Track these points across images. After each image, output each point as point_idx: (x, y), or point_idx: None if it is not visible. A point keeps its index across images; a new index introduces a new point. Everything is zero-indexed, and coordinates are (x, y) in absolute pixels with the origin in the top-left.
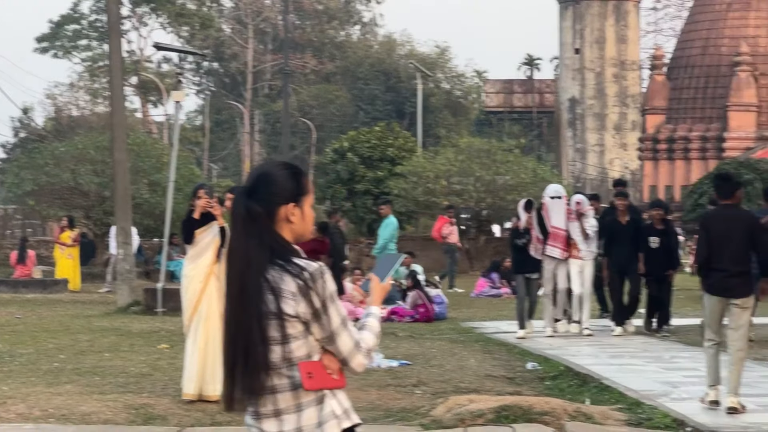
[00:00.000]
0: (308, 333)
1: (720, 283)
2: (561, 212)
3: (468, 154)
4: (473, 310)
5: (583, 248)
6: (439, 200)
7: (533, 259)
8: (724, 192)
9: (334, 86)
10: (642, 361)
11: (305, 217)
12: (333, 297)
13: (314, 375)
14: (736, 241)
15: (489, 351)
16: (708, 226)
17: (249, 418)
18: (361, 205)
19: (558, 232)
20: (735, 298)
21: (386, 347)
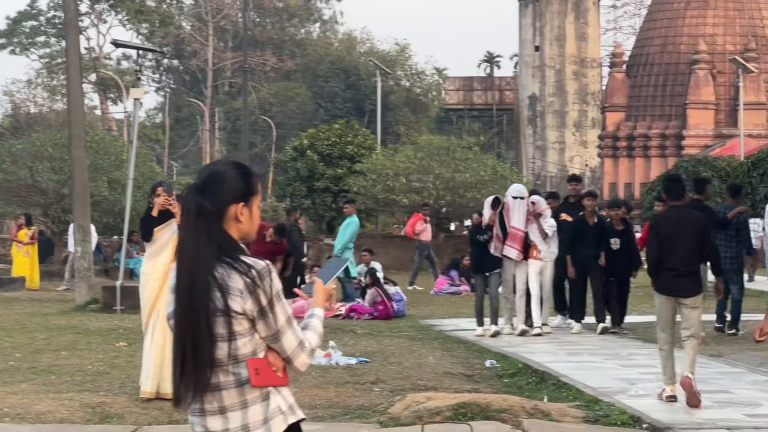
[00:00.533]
0: (254, 330)
1: (670, 282)
2: (521, 213)
3: (427, 152)
4: (432, 307)
5: (543, 249)
6: (398, 198)
7: (494, 257)
8: (673, 194)
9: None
10: (600, 358)
11: (253, 218)
12: (279, 295)
13: (261, 372)
14: (685, 242)
15: (448, 348)
16: (658, 227)
17: (193, 416)
18: (321, 203)
19: (516, 233)
20: (684, 297)
21: (345, 345)
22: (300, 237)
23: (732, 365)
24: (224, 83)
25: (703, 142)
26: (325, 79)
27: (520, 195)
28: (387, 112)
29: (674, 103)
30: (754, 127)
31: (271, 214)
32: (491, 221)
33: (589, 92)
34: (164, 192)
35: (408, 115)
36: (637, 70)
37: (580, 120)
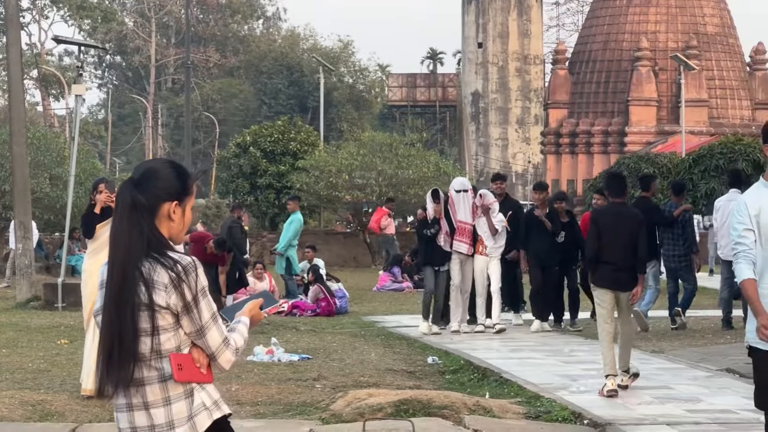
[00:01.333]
0: (178, 326)
1: (608, 276)
2: (467, 206)
3: (370, 149)
4: (375, 304)
5: (489, 244)
6: (341, 194)
7: (443, 250)
8: (615, 190)
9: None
10: (541, 354)
11: (185, 218)
12: (204, 292)
13: (184, 367)
14: (623, 238)
15: (390, 345)
16: (598, 222)
17: (119, 412)
18: (264, 199)
19: (464, 227)
20: (622, 290)
21: (287, 341)
22: (242, 234)
23: (673, 361)
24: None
25: (646, 139)
26: (268, 75)
27: (463, 188)
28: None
29: (617, 99)
30: (696, 124)
31: (214, 210)
32: (437, 214)
33: (531, 89)
34: (106, 189)
35: (351, 112)
36: (579, 67)
37: (522, 117)
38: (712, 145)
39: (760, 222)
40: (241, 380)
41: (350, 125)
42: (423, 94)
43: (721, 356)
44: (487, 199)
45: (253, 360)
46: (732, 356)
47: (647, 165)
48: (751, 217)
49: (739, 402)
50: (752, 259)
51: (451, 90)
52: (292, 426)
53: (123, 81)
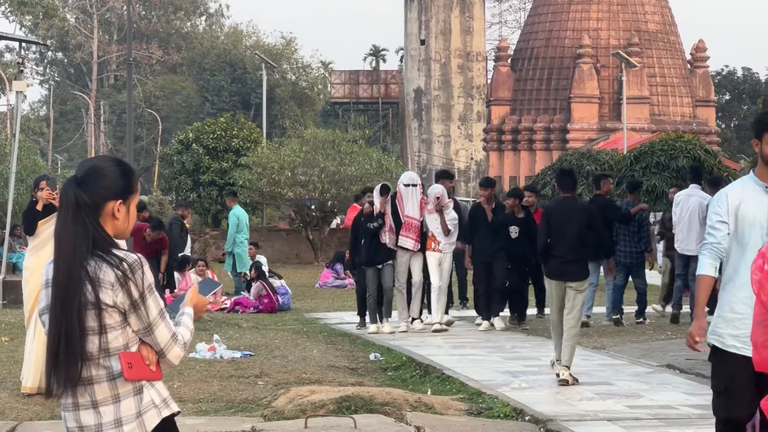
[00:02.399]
0: (126, 324)
1: (558, 268)
2: (415, 201)
3: (313, 145)
4: (317, 301)
5: (442, 241)
6: (284, 191)
7: (386, 248)
8: (564, 185)
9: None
10: (484, 351)
11: (129, 216)
12: (151, 288)
13: (134, 365)
14: (573, 231)
15: (332, 342)
16: (548, 216)
17: (65, 411)
18: (206, 196)
19: (411, 222)
20: (572, 281)
21: (229, 338)
22: (182, 232)
23: (614, 357)
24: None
25: (588, 136)
26: (211, 72)
27: (412, 182)
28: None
29: (559, 96)
30: (637, 121)
31: (156, 207)
32: (383, 208)
33: (474, 86)
34: (48, 186)
35: (294, 109)
36: (522, 63)
37: (465, 113)
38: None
39: (738, 215)
40: (183, 377)
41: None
42: (366, 91)
43: (661, 352)
44: (444, 199)
45: (195, 357)
46: (672, 352)
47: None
48: (729, 209)
49: (679, 398)
50: (718, 254)
51: (394, 87)
52: (234, 423)
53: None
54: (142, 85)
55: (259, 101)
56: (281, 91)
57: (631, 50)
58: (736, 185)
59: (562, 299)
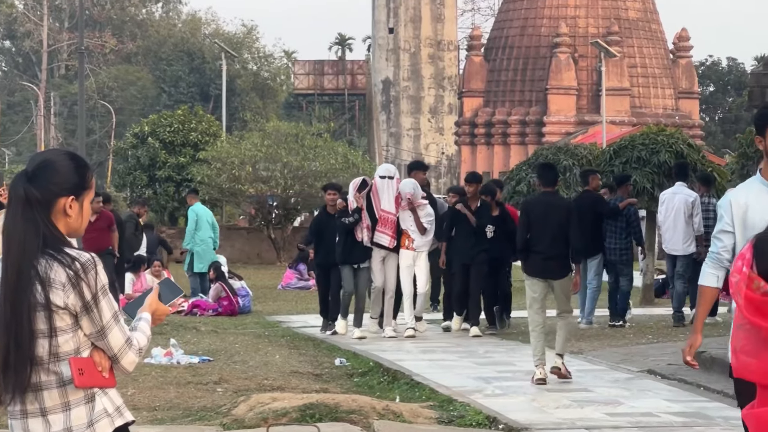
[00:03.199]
0: (77, 327)
1: (539, 265)
2: (391, 194)
3: (275, 139)
4: (279, 303)
5: (417, 239)
6: (244, 188)
7: (362, 246)
8: (546, 179)
9: (135, 67)
10: (455, 356)
11: (83, 213)
12: (105, 290)
13: (85, 372)
14: (553, 227)
15: (295, 346)
16: (528, 212)
17: (12, 419)
18: (163, 193)
19: (387, 217)
20: (554, 278)
21: (187, 342)
22: (136, 230)
23: (592, 362)
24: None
25: (565, 129)
26: (167, 62)
27: (388, 174)
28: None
29: (535, 88)
30: (617, 114)
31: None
32: (358, 203)
33: (445, 76)
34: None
35: (255, 101)
36: (495, 53)
37: (436, 106)
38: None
39: (747, 222)
40: (138, 384)
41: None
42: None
43: (642, 357)
44: (416, 199)
45: (150, 362)
46: (653, 357)
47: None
48: (734, 217)
49: (661, 404)
50: (721, 264)
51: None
52: None
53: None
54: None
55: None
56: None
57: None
58: (741, 190)
59: (542, 299)
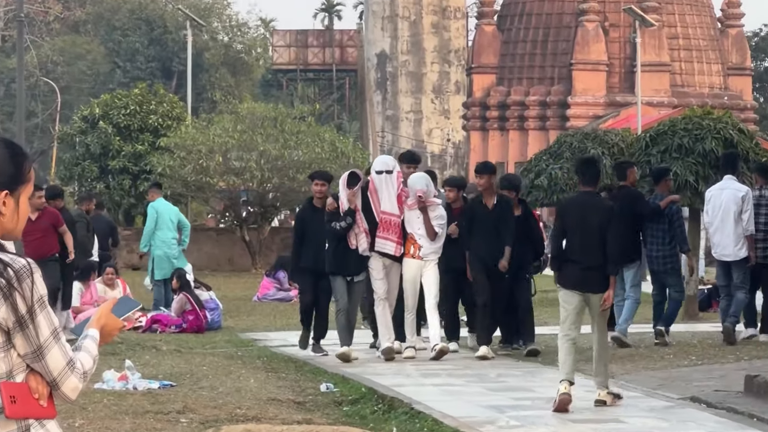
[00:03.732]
0: (10, 345)
1: (575, 276)
2: (392, 192)
3: (250, 123)
4: (255, 317)
5: (425, 245)
6: (213, 181)
7: (358, 255)
8: (587, 177)
9: (83, 38)
10: (463, 380)
11: (19, 212)
12: (43, 302)
13: (18, 400)
14: (592, 232)
15: (274, 369)
16: (564, 214)
17: None
18: (117, 187)
19: (390, 219)
20: (593, 292)
21: (145, 364)
22: (88, 231)
23: (625, 388)
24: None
25: (593, 112)
26: (122, 32)
27: (386, 168)
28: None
29: (557, 63)
30: (655, 94)
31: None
32: (351, 204)
33: (451, 49)
34: None
35: (226, 78)
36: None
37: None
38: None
39: None
40: (87, 414)
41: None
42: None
43: (683, 381)
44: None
45: (102, 388)
46: (697, 381)
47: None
48: None
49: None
50: None
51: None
52: None
53: None
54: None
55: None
56: (210, 56)
57: (647, 6)
58: None
59: (577, 314)
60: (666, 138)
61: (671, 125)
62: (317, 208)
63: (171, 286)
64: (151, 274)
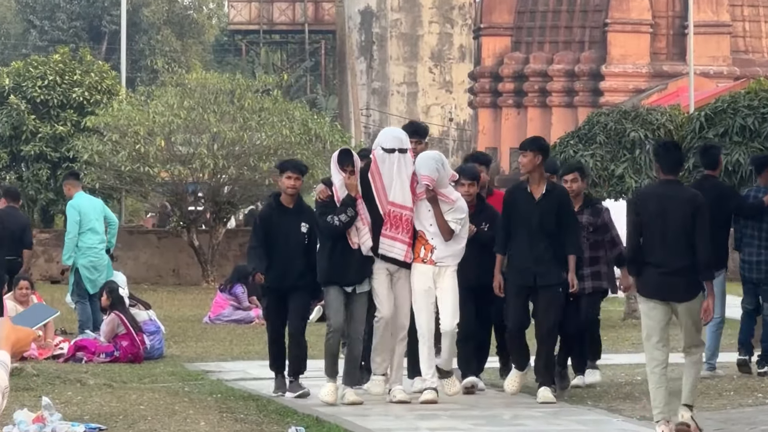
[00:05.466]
0: None
1: (656, 282)
2: (405, 177)
3: (200, 98)
4: (206, 343)
5: (439, 247)
6: (154, 171)
7: (360, 256)
8: (668, 164)
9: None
10: (468, 423)
11: None
12: None
13: None
14: (675, 229)
15: (230, 409)
16: (640, 208)
17: None
18: (32, 178)
19: (401, 214)
20: (678, 301)
21: (67, 402)
22: None
23: None
24: None
25: (633, 85)
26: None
27: (398, 146)
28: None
29: (589, 22)
30: (712, 62)
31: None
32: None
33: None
34: None
35: (170, 41)
36: None
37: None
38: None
39: None
40: None
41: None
42: (284, 14)
43: (747, 425)
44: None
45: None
46: (764, 425)
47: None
48: None
49: None
50: None
51: (328, 7)
52: None
53: None
54: None
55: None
56: (150, 13)
57: None
58: None
59: (664, 326)
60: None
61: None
62: (286, 208)
63: (99, 304)
64: (72, 289)
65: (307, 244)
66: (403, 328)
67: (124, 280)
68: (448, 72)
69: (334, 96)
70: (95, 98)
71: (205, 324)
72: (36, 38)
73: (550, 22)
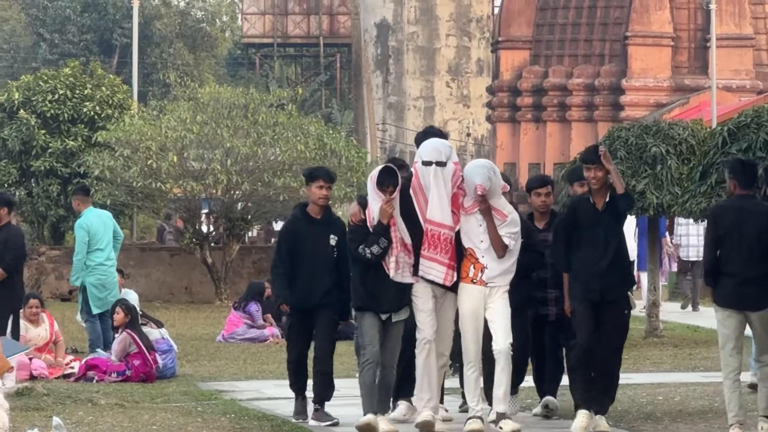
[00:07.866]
0: None
1: (732, 292)
2: (445, 193)
3: (213, 113)
4: (220, 362)
5: (490, 264)
6: (166, 187)
7: (395, 284)
8: (744, 179)
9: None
10: None
11: None
12: None
13: None
14: (750, 240)
15: (244, 429)
16: (718, 221)
17: None
18: (42, 194)
19: (439, 233)
20: (752, 310)
21: (79, 423)
22: None
23: None
24: None
25: (654, 99)
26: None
27: (437, 158)
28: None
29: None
30: (734, 76)
31: None
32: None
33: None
34: None
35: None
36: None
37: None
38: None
39: None
40: None
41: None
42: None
43: None
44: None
45: None
46: None
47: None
48: None
49: None
50: None
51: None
52: None
53: None
54: None
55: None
56: (162, 27)
57: None
58: None
59: (739, 335)
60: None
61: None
62: (314, 219)
63: (111, 323)
64: (82, 307)
65: (336, 258)
66: (441, 355)
67: (135, 298)
68: (465, 86)
69: (350, 110)
70: (106, 113)
71: (219, 342)
72: (46, 52)
73: (569, 36)
